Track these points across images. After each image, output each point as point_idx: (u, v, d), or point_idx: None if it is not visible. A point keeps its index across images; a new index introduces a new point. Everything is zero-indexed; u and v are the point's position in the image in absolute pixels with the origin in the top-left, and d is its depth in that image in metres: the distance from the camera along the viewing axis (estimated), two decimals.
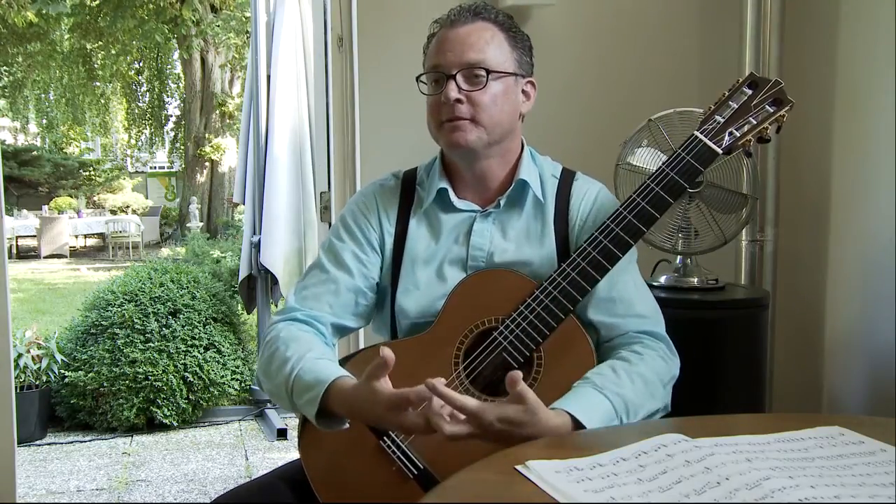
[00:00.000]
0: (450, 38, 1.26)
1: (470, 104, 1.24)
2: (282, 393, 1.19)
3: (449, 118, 1.25)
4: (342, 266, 1.31)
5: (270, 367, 1.23)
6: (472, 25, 1.26)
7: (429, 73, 1.28)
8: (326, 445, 1.22)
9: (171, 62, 16.25)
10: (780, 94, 1.22)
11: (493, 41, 1.26)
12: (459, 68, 1.24)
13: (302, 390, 1.15)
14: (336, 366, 1.19)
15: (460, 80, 1.24)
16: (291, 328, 1.27)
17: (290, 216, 3.85)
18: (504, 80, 1.26)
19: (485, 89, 1.24)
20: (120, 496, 3.03)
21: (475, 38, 1.25)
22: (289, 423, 3.79)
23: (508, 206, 1.31)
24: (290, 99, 3.86)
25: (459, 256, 1.30)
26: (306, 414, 1.15)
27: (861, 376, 2.02)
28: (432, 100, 1.28)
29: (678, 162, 1.21)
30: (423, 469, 1.18)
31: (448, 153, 1.33)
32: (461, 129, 1.25)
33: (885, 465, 0.88)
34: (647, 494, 0.81)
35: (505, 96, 1.26)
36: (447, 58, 1.25)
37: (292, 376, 1.17)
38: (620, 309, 1.26)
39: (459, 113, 1.24)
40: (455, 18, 1.27)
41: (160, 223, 16.19)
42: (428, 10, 1.34)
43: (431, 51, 1.29)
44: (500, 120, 1.27)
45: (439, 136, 1.29)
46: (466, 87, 1.24)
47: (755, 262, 2.25)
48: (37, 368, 3.73)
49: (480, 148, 1.27)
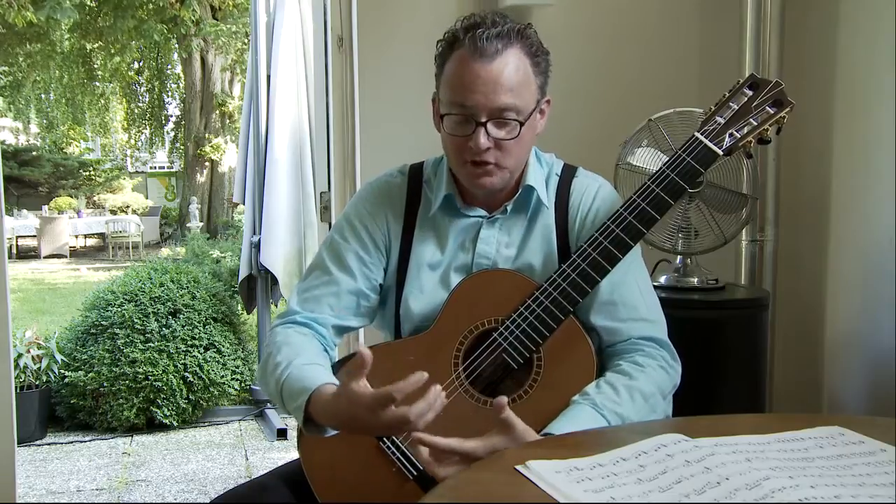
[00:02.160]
0: (480, 75, 1.16)
1: (498, 149, 1.20)
2: (276, 398, 1.20)
3: (474, 161, 1.21)
4: (344, 268, 1.30)
5: (265, 372, 1.23)
6: (501, 60, 1.16)
7: (456, 114, 1.20)
8: (326, 447, 1.22)
9: (172, 62, 16.25)
10: (781, 95, 1.22)
11: (524, 77, 1.19)
12: (490, 115, 1.17)
13: (290, 398, 1.15)
14: (323, 371, 1.17)
15: (491, 127, 1.18)
16: (288, 331, 1.26)
17: (290, 216, 3.85)
18: (531, 120, 1.22)
19: (517, 139, 1.20)
20: (120, 496, 3.03)
21: (505, 78, 1.16)
22: (289, 423, 3.79)
23: (515, 211, 1.30)
24: (290, 99, 3.85)
25: (465, 263, 1.29)
26: (296, 421, 1.15)
27: (861, 376, 2.02)
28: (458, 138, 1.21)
29: (679, 163, 1.21)
30: (423, 470, 1.17)
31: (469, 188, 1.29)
32: (488, 173, 1.21)
33: (885, 465, 0.88)
34: (647, 494, 0.81)
35: (530, 133, 1.23)
36: (477, 100, 1.16)
37: (281, 382, 1.16)
38: (623, 313, 1.25)
39: (488, 158, 1.20)
40: (482, 46, 1.16)
41: (160, 223, 16.18)
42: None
43: (455, 83, 1.19)
44: (524, 157, 1.25)
45: (461, 173, 1.25)
46: (499, 136, 1.19)
47: (755, 262, 2.25)
48: (37, 368, 3.73)
49: (503, 187, 1.26)
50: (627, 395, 1.16)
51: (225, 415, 4.03)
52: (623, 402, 1.15)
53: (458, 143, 1.21)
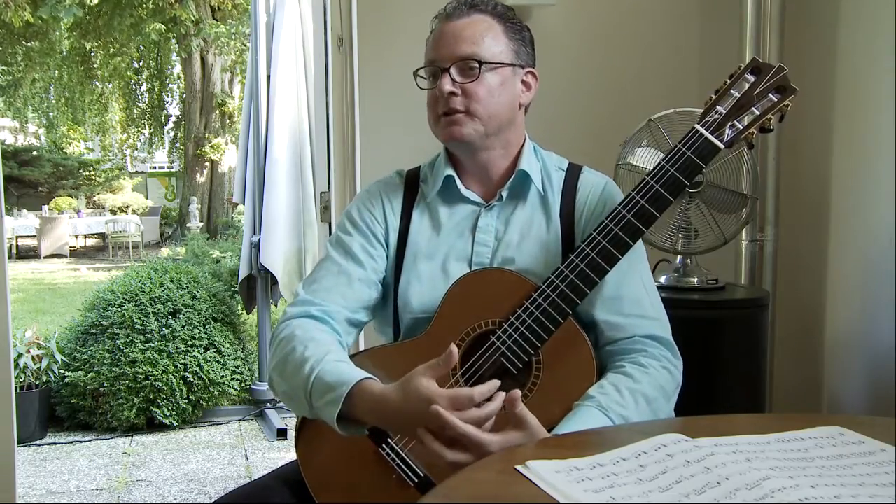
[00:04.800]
0: (445, 32, 1.26)
1: (465, 96, 1.24)
2: (299, 394, 1.15)
3: (445, 111, 1.25)
4: (353, 258, 1.29)
5: (286, 367, 1.18)
6: (467, 19, 1.26)
7: (425, 67, 1.29)
8: (324, 454, 1.21)
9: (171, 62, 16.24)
10: (784, 81, 1.17)
11: (489, 32, 1.25)
12: (453, 61, 1.24)
13: (323, 391, 1.10)
14: (358, 369, 1.14)
15: (454, 72, 1.24)
16: (308, 326, 1.23)
17: (289, 216, 3.85)
18: (500, 72, 1.25)
19: (479, 81, 1.24)
20: (120, 496, 3.03)
21: (470, 31, 1.25)
22: (289, 423, 3.79)
23: (511, 198, 1.30)
24: (290, 99, 3.86)
25: (464, 252, 1.28)
26: (325, 416, 1.10)
27: (861, 376, 2.02)
28: (430, 94, 1.28)
29: (678, 158, 1.16)
30: (424, 476, 1.16)
31: (447, 146, 1.33)
32: (457, 122, 1.25)
33: (885, 465, 0.88)
34: (647, 494, 0.81)
35: (501, 87, 1.26)
36: (441, 52, 1.25)
37: (312, 377, 1.12)
38: (627, 308, 1.24)
39: (454, 105, 1.24)
40: (451, 12, 1.28)
41: (160, 223, 16.19)
42: (428, 11, 1.34)
43: (429, 46, 1.30)
44: (497, 111, 1.26)
45: (437, 130, 1.29)
46: (461, 80, 1.24)
47: (755, 262, 2.25)
48: (37, 368, 3.73)
49: (477, 140, 1.26)
50: (631, 398, 1.15)
51: (225, 415, 4.03)
52: (627, 404, 1.14)
53: (430, 99, 1.28)
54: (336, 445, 1.19)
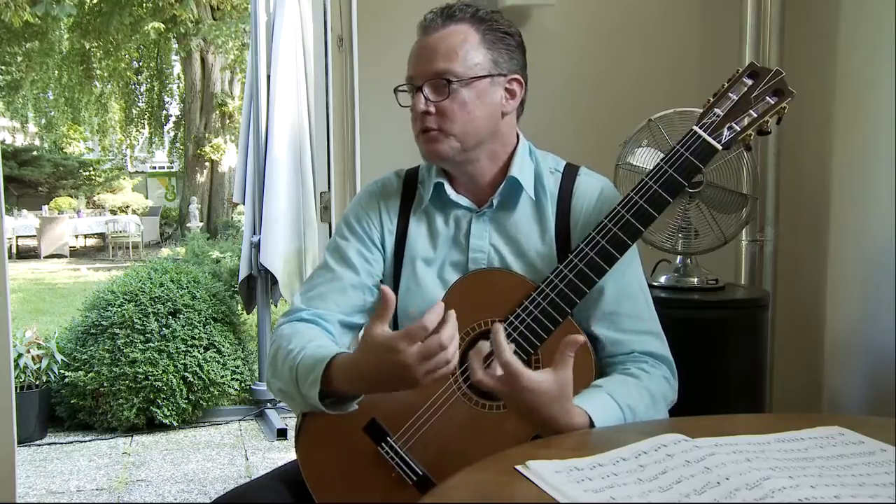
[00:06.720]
0: (421, 47, 1.25)
1: (438, 115, 1.22)
2: (290, 388, 1.17)
3: (422, 129, 1.25)
4: (347, 264, 1.30)
5: (276, 364, 1.21)
6: (442, 31, 1.23)
7: (404, 85, 1.28)
8: (324, 453, 1.21)
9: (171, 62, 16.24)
10: (782, 84, 1.18)
11: (464, 45, 1.22)
12: (426, 79, 1.22)
13: (305, 375, 1.13)
14: (335, 347, 1.16)
15: (427, 91, 1.22)
16: (297, 326, 1.26)
17: (289, 216, 3.85)
18: (474, 86, 1.22)
19: (452, 98, 1.21)
20: (120, 496, 3.03)
21: (444, 46, 1.22)
22: (289, 423, 3.79)
23: (503, 204, 1.29)
24: (290, 99, 3.86)
25: (460, 259, 1.29)
26: (312, 401, 1.12)
27: (861, 376, 2.02)
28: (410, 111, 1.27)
29: (677, 159, 1.17)
30: (423, 475, 1.17)
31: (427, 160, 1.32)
32: (433, 139, 1.24)
33: (885, 465, 0.88)
34: (647, 494, 0.81)
35: (478, 101, 1.23)
36: (416, 69, 1.24)
37: (296, 365, 1.15)
38: (627, 324, 1.24)
39: (429, 124, 1.23)
40: (427, 24, 1.26)
41: (160, 223, 16.19)
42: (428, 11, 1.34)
43: (409, 61, 1.28)
44: (474, 127, 1.24)
45: (419, 146, 1.28)
46: (434, 98, 1.22)
47: (755, 262, 2.25)
48: (37, 368, 3.73)
49: (455, 156, 1.25)
50: (637, 390, 1.16)
51: (225, 415, 4.04)
52: (633, 394, 1.15)
53: (412, 116, 1.27)
54: (336, 445, 1.20)
